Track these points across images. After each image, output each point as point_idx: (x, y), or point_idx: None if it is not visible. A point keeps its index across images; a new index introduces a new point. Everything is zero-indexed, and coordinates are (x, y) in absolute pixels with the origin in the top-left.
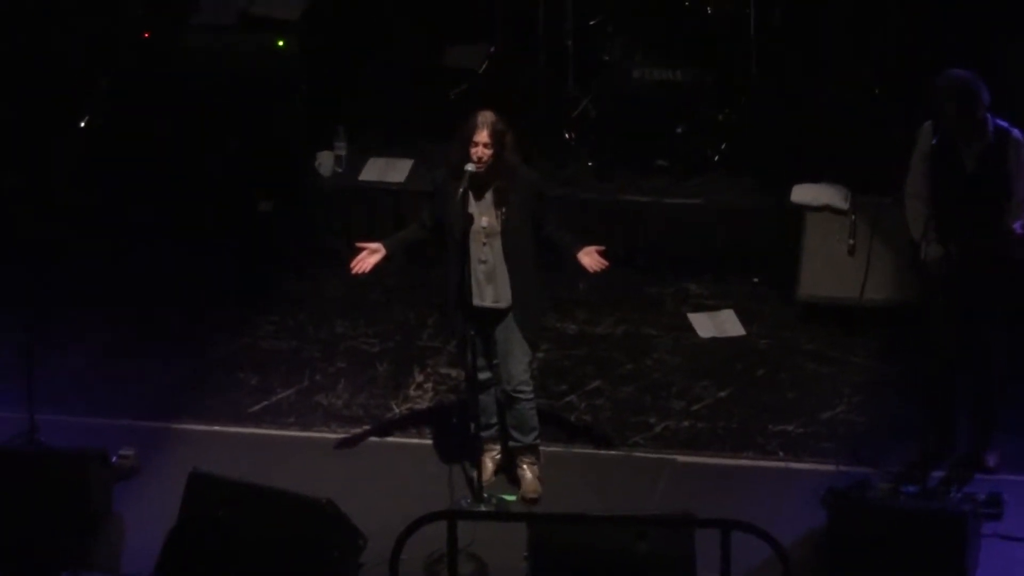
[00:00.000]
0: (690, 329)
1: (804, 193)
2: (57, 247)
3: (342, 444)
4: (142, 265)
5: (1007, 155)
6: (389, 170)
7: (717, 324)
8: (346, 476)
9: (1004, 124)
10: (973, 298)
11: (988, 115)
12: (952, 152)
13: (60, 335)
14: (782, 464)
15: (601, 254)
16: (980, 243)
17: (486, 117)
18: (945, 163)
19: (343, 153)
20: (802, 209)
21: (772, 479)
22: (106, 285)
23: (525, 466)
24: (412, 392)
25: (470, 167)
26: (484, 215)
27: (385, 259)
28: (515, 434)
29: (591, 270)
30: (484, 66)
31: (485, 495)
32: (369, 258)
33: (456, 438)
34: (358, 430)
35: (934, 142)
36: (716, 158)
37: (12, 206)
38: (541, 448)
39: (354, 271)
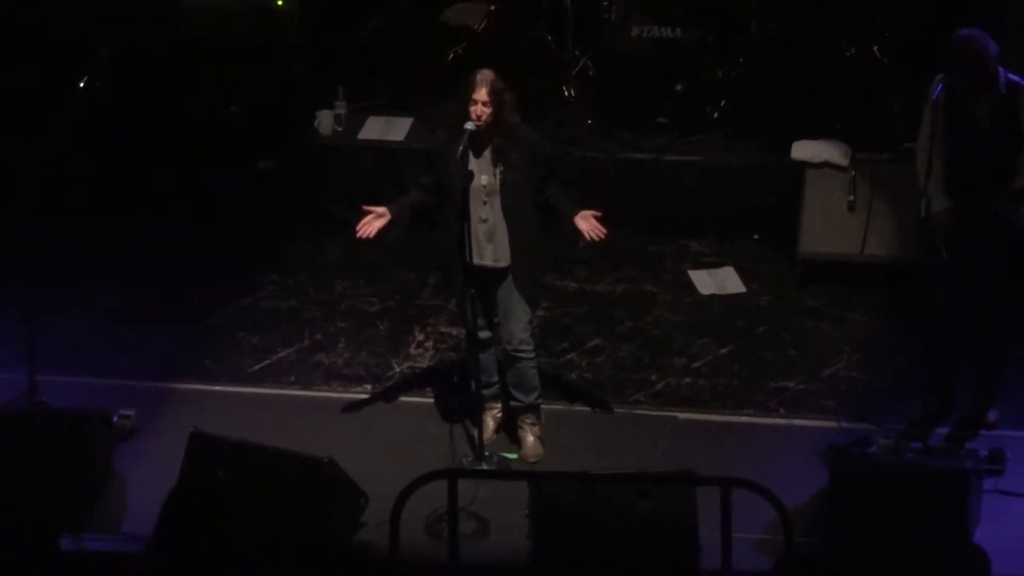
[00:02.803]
0: (690, 286)
1: (804, 150)
2: (58, 211)
3: (342, 403)
4: (142, 227)
5: (1018, 109)
6: (389, 129)
7: (717, 281)
8: (347, 435)
9: (1016, 78)
10: (976, 254)
11: (1000, 69)
12: (962, 105)
13: (61, 297)
14: (783, 421)
15: (599, 219)
16: (985, 199)
17: (485, 76)
18: (955, 116)
19: (342, 112)
20: (802, 166)
21: (773, 436)
22: (106, 247)
23: (526, 427)
24: (413, 351)
25: (469, 125)
26: (483, 173)
27: (391, 224)
28: (516, 393)
29: (588, 236)
30: (483, 24)
31: (486, 453)
32: (375, 222)
33: (457, 397)
34: (359, 389)
35: (934, 97)
36: (716, 116)
37: (14, 171)
38: (542, 407)
39: (359, 235)
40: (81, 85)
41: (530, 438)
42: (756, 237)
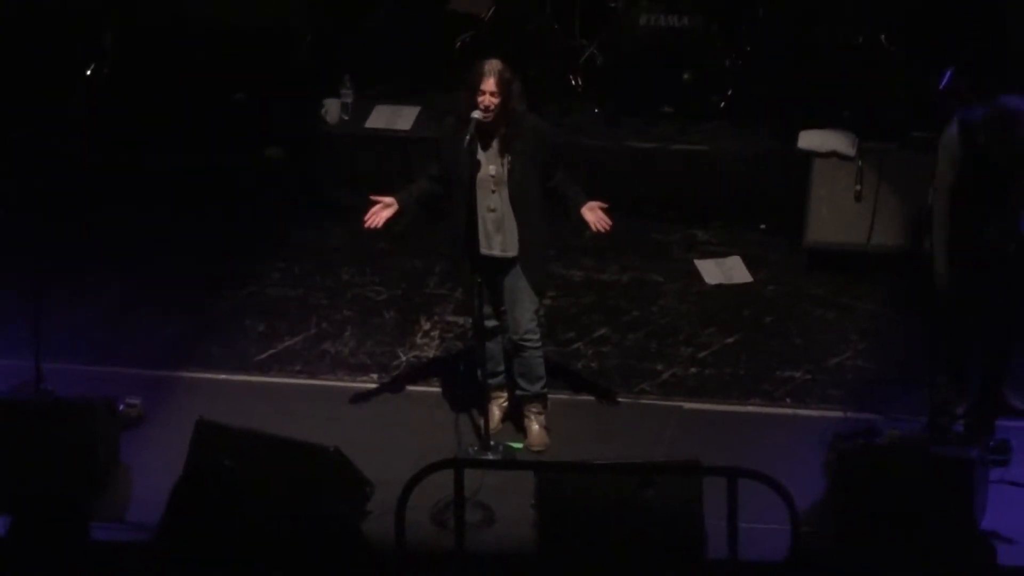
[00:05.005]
0: (697, 276)
1: (811, 139)
2: (63, 199)
3: (349, 392)
4: (148, 214)
5: None
6: (396, 117)
7: (724, 271)
8: (353, 424)
9: None
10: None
11: None
12: (984, 159)
13: (67, 284)
14: (789, 411)
15: (605, 211)
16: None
17: (493, 66)
18: (978, 169)
19: (349, 100)
20: (809, 155)
21: (779, 426)
22: (112, 235)
23: (532, 416)
24: (419, 340)
25: (477, 115)
26: (491, 163)
27: (398, 214)
28: (522, 383)
29: (594, 228)
30: (490, 13)
31: (492, 443)
32: (382, 212)
33: (463, 386)
34: (365, 378)
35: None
36: (722, 104)
37: (20, 158)
38: (548, 396)
39: (367, 225)
40: (88, 72)
41: (536, 427)
42: (763, 226)
